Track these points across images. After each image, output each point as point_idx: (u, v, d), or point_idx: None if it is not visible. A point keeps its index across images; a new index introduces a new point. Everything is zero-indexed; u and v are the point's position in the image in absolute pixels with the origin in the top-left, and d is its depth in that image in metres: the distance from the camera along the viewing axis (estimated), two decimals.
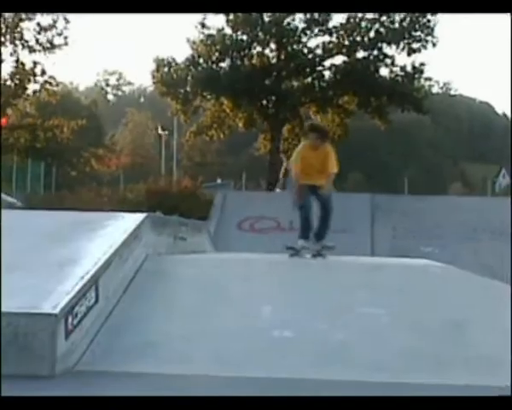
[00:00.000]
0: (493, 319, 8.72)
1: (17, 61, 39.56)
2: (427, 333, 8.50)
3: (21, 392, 6.00)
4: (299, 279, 10.78)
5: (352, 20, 42.11)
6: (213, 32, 42.39)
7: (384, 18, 41.90)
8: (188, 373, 7.28)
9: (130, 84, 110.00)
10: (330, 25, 42.50)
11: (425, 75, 42.87)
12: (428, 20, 41.63)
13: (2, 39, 38.95)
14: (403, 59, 40.98)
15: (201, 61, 42.24)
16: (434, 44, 42.02)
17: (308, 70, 42.19)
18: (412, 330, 8.60)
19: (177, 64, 42.71)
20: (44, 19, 39.93)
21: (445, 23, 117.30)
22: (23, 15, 39.40)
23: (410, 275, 11.07)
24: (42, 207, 20.27)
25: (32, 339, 7.01)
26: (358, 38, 42.02)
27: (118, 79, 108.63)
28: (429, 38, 41.86)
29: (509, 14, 34.71)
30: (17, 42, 39.61)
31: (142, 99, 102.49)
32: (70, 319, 7.41)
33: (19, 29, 39.62)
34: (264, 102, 42.35)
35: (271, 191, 37.38)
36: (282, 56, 42.00)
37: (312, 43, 42.79)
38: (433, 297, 9.67)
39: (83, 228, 11.76)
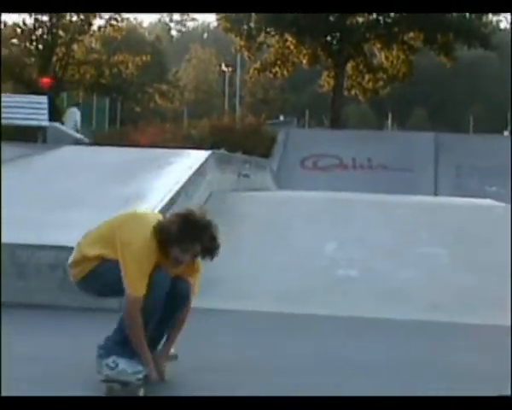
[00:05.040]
0: None
1: None
2: (485, 274, 8.51)
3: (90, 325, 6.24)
4: (363, 217, 10.84)
5: None
6: None
7: None
8: (251, 309, 7.45)
9: (193, 19, 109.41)
10: None
11: None
12: None
13: None
14: None
15: None
16: None
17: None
18: (471, 271, 8.62)
19: None
20: None
21: None
22: None
23: (472, 215, 11.05)
24: (107, 142, 20.57)
25: None
26: None
27: (181, 15, 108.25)
28: None
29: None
30: None
31: (205, 35, 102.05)
32: None
33: None
34: (329, 38, 41.89)
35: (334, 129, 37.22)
36: None
37: None
38: (495, 238, 9.65)
39: (149, 165, 11.98)
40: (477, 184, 23.92)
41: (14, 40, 36.95)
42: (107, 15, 39.16)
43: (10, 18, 76.10)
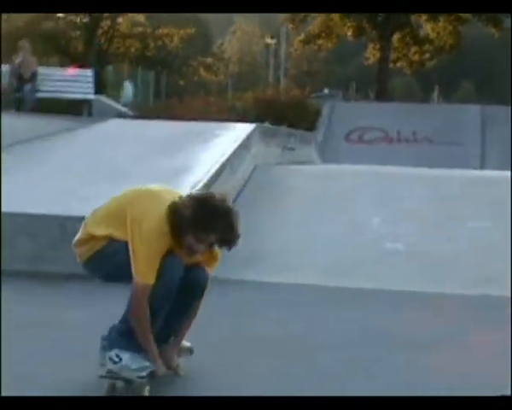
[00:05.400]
0: None
1: None
2: None
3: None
4: (409, 191, 10.78)
5: None
6: None
7: None
8: (297, 282, 7.47)
9: None
10: None
11: None
12: None
13: None
14: None
15: None
16: None
17: None
18: None
19: None
20: None
21: None
22: None
23: None
24: (152, 116, 20.64)
25: None
26: None
27: None
28: None
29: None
30: None
31: None
32: None
33: None
34: None
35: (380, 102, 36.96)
36: None
37: None
38: None
39: (195, 138, 12.05)
40: None
41: (60, 14, 37.12)
42: None
43: None
